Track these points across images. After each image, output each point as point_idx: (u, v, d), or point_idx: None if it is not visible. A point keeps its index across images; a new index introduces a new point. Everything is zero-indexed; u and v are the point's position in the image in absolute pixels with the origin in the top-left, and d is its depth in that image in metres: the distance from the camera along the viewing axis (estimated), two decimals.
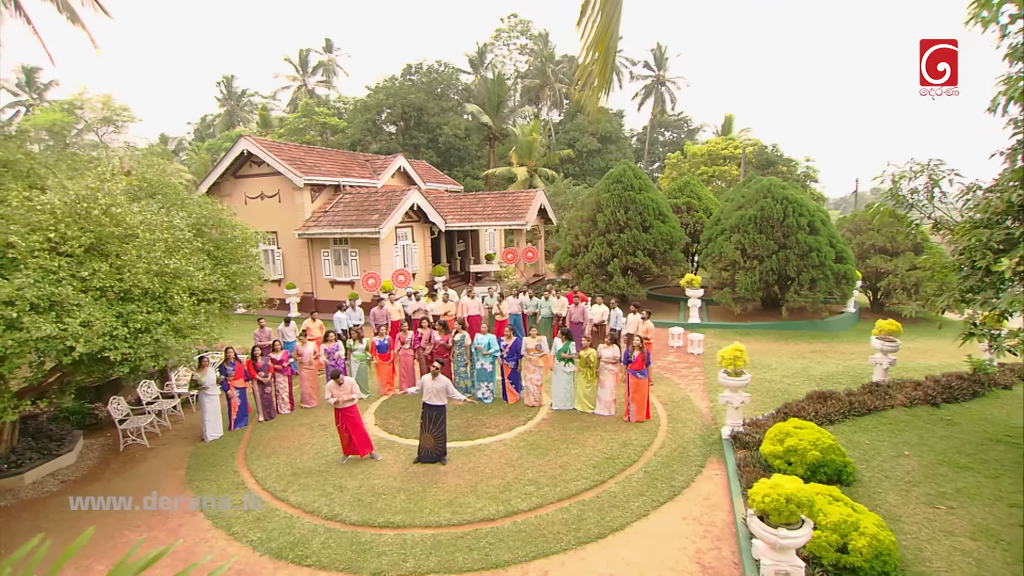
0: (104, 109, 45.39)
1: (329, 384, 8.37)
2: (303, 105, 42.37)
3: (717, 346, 14.32)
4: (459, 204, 24.32)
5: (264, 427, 9.96)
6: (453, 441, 8.82)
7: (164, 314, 7.14)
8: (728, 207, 18.12)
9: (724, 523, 6.52)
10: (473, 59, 47.66)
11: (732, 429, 8.50)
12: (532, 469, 7.85)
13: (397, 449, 8.76)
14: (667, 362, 13.06)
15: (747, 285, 16.17)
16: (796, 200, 16.50)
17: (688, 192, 21.13)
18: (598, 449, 8.40)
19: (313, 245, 20.23)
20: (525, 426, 9.43)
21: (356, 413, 8.34)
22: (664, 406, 10.24)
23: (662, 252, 17.94)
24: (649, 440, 8.72)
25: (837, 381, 11.37)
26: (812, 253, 15.84)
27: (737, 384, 8.32)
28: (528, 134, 36.69)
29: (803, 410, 8.98)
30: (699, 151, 33.22)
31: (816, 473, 6.82)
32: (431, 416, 8.06)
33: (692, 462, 8.01)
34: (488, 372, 10.55)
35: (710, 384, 11.48)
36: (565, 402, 10.07)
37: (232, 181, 21.24)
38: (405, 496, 7.30)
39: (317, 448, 8.94)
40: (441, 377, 8.10)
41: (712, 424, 9.42)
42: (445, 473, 7.87)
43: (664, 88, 52.87)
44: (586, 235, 18.52)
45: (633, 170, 18.86)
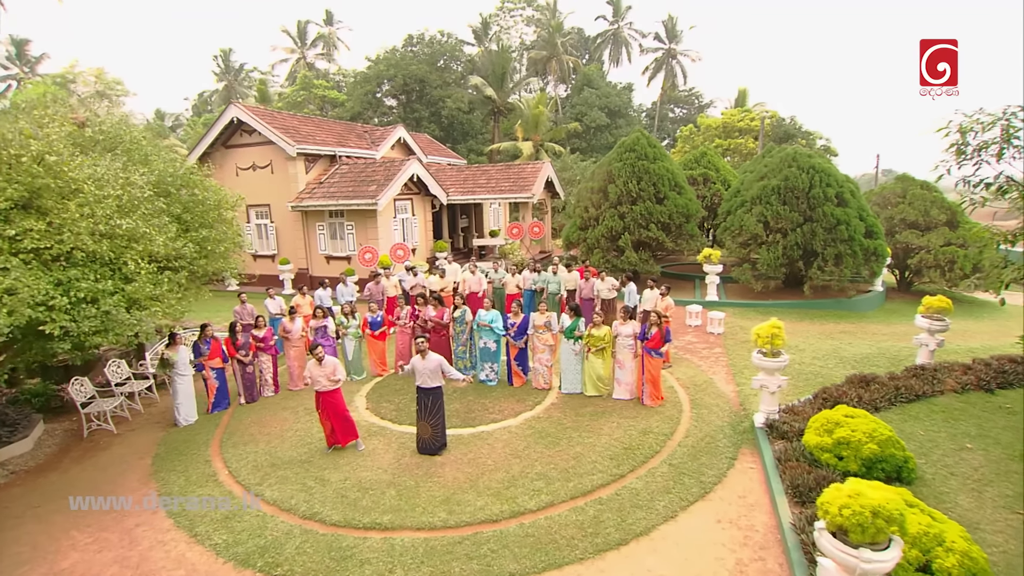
0: (97, 83, 44.19)
1: (309, 363, 7.41)
2: (301, 78, 40.97)
3: (738, 326, 13.30)
4: (462, 177, 23.16)
5: (245, 411, 9.06)
6: (452, 428, 7.89)
7: (116, 282, 6.16)
8: (749, 177, 16.92)
9: (766, 527, 5.57)
10: (477, 30, 45.87)
11: (766, 416, 7.52)
12: (541, 461, 6.92)
13: (388, 437, 7.84)
14: (685, 342, 12.05)
15: (769, 261, 15.05)
16: (823, 169, 15.28)
17: (705, 163, 19.85)
18: (615, 438, 7.44)
19: (308, 218, 19.19)
20: (533, 411, 8.49)
21: (339, 398, 7.39)
22: (685, 389, 9.26)
23: (677, 226, 16.81)
24: (672, 428, 7.76)
25: (873, 363, 10.36)
26: (840, 227, 14.68)
27: (774, 366, 7.31)
28: (534, 107, 35.22)
29: (844, 395, 7.98)
30: (713, 123, 31.73)
31: (872, 470, 5.84)
32: (425, 401, 7.11)
33: (722, 454, 7.05)
34: (492, 352, 9.57)
35: (734, 365, 10.49)
36: (575, 384, 9.11)
37: (222, 151, 20.14)
38: (395, 492, 6.38)
39: (301, 435, 8.04)
40: (432, 355, 7.12)
41: (741, 410, 8.44)
42: (442, 465, 6.95)
43: (675, 62, 50.92)
44: (596, 207, 17.38)
45: (647, 138, 17.63)
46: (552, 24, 44.36)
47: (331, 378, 7.25)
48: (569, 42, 46.57)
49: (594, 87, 43.04)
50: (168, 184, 7.74)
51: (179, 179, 7.85)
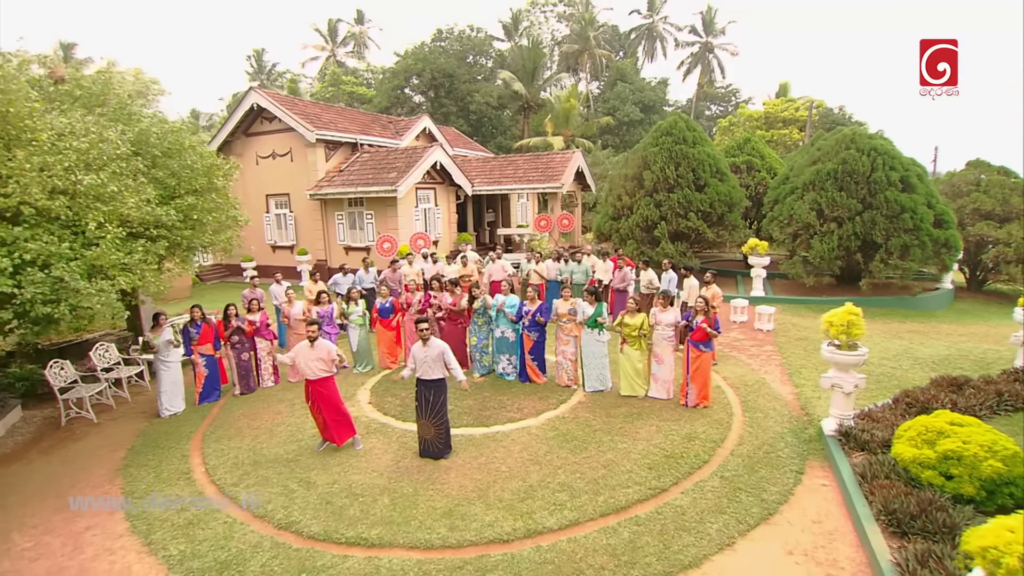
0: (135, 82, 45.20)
1: (298, 345, 6.46)
2: (330, 74, 40.85)
3: (790, 323, 11.89)
4: (488, 167, 22.19)
5: (238, 402, 8.21)
6: (463, 427, 6.85)
7: (75, 246, 5.33)
8: (800, 162, 15.41)
9: (855, 564, 4.31)
10: (507, 26, 44.99)
11: (839, 422, 6.21)
12: (565, 468, 5.79)
13: (390, 435, 6.84)
14: (732, 339, 10.73)
15: (823, 252, 13.54)
16: (886, 151, 13.70)
17: (748, 150, 18.32)
18: (654, 444, 6.25)
19: (327, 207, 18.51)
20: (556, 411, 7.36)
21: (332, 388, 6.41)
22: (735, 390, 7.99)
23: (719, 215, 15.41)
24: (721, 433, 6.52)
25: (955, 366, 8.90)
26: (905, 215, 13.08)
27: (851, 360, 6.02)
28: (565, 100, 34.05)
29: (933, 400, 6.62)
30: (755, 114, 29.92)
31: (995, 494, 4.52)
32: (426, 395, 6.06)
33: (785, 466, 5.79)
34: (510, 342, 8.49)
35: (789, 365, 9.15)
36: (602, 381, 7.95)
37: (243, 140, 19.70)
38: (389, 500, 5.36)
39: (292, 430, 7.11)
40: (435, 341, 6.07)
41: (803, 415, 7.14)
42: (447, 470, 5.89)
43: (712, 56, 49.00)
44: (630, 195, 16.13)
45: (686, 121, 16.29)
46: (584, 17, 43.11)
47: (324, 363, 6.28)
48: (602, 36, 45.25)
49: (627, 81, 41.63)
50: (153, 146, 6.94)
51: (165, 139, 7.05)
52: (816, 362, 9.16)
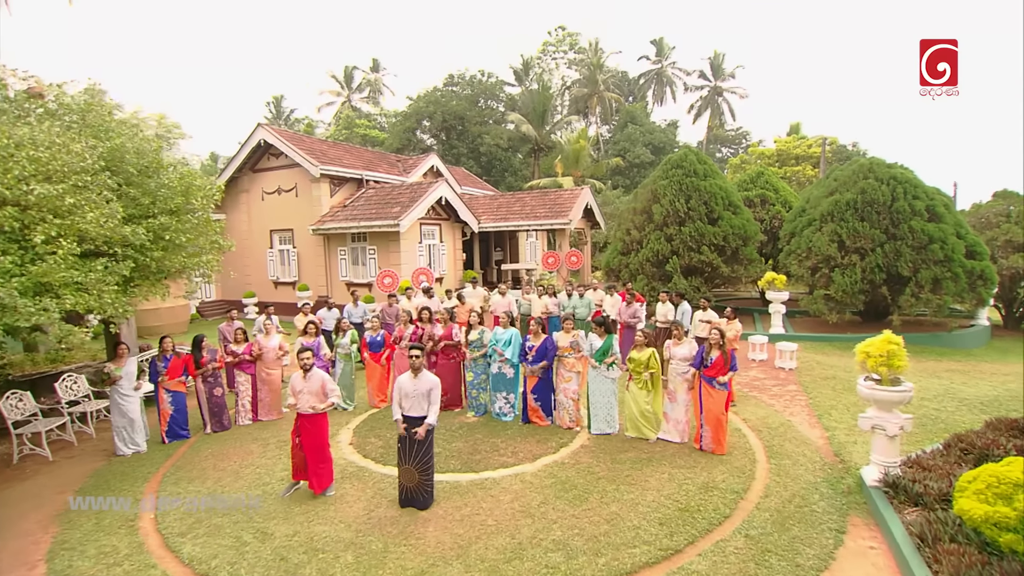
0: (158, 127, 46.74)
1: (293, 377, 5.80)
2: (344, 117, 41.83)
3: (814, 360, 11.00)
4: (495, 204, 21.95)
5: (209, 441, 7.50)
6: (448, 472, 6.06)
7: (17, 259, 4.84)
8: (816, 194, 14.81)
9: None
10: (518, 71, 46.11)
11: (883, 470, 5.33)
12: (561, 523, 4.96)
13: (366, 480, 6.06)
14: (751, 378, 9.86)
15: (845, 286, 12.73)
16: (907, 180, 13.08)
17: (762, 183, 17.80)
18: (666, 494, 5.40)
19: (329, 243, 18.22)
20: (556, 455, 6.54)
21: (323, 427, 5.71)
22: (757, 433, 7.11)
23: (733, 249, 14.76)
24: (744, 483, 5.65)
25: (1007, 407, 7.97)
26: (934, 245, 12.31)
27: (894, 397, 5.19)
28: (575, 142, 34.23)
29: (993, 444, 5.71)
30: (767, 152, 29.62)
31: None
32: (412, 434, 5.33)
33: (822, 523, 4.90)
34: (508, 379, 7.75)
35: (817, 405, 8.26)
36: (608, 423, 7.13)
37: (250, 176, 19.72)
38: (353, 557, 4.56)
39: (260, 472, 6.37)
40: (427, 375, 5.40)
41: (837, 462, 6.24)
42: (425, 522, 5.09)
43: (722, 99, 49.55)
44: (639, 229, 15.59)
45: (696, 154, 15.91)
46: (593, 62, 44.03)
47: (316, 397, 5.62)
48: (611, 80, 46.06)
49: (638, 124, 41.98)
50: (128, 163, 6.56)
51: (143, 158, 6.67)
52: (848, 402, 8.26)
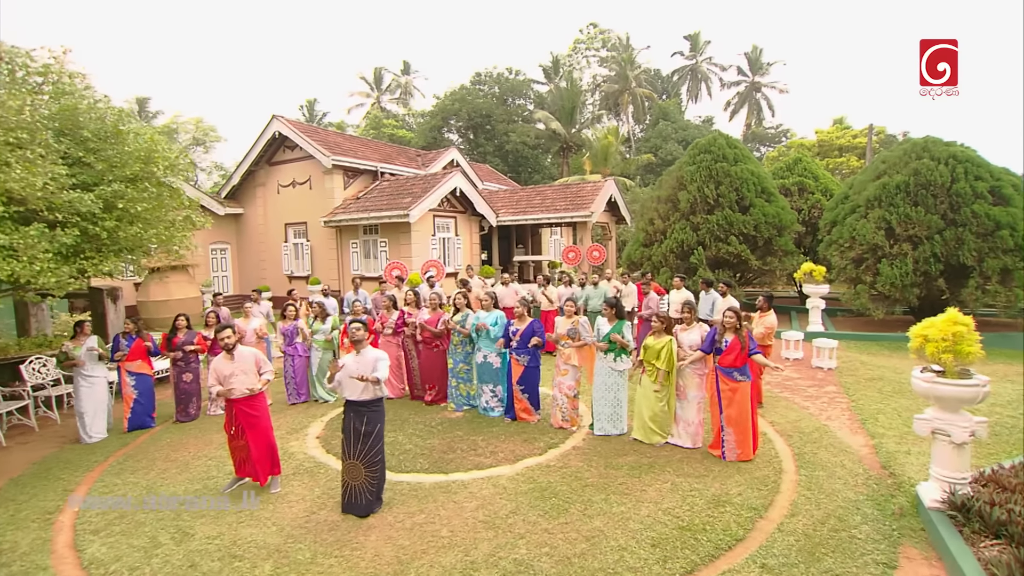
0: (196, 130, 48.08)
1: (215, 360, 5.11)
2: (371, 117, 41.91)
3: (858, 360, 9.70)
4: (515, 198, 21.11)
5: (173, 430, 6.90)
6: (413, 472, 5.23)
7: None
8: (861, 179, 13.37)
9: None
10: (547, 69, 45.29)
11: (947, 488, 4.19)
12: (530, 539, 4.04)
13: (318, 478, 5.28)
14: (783, 377, 8.67)
15: (894, 278, 11.30)
16: (969, 158, 11.57)
17: (800, 170, 16.32)
18: (665, 508, 4.41)
19: (342, 236, 17.75)
20: (542, 457, 5.62)
21: (262, 409, 5.02)
22: (786, 438, 6.01)
23: (766, 239, 13.47)
24: (765, 498, 4.59)
25: None
26: (1003, 231, 10.78)
27: (963, 394, 4.05)
28: (604, 138, 33.12)
29: None
30: (807, 143, 27.76)
31: None
32: (356, 425, 4.52)
33: (865, 553, 3.82)
34: (495, 370, 6.87)
35: (860, 409, 7.05)
36: (615, 423, 6.16)
37: (266, 169, 19.50)
38: (272, 568, 3.76)
39: (210, 466, 5.68)
40: (370, 351, 4.59)
41: (885, 475, 5.10)
42: (369, 529, 4.26)
43: (760, 95, 47.43)
44: (663, 219, 14.47)
45: (726, 139, 14.70)
46: (624, 58, 42.78)
47: (249, 376, 4.91)
48: (643, 77, 44.67)
49: (670, 119, 40.50)
50: (82, 126, 6.02)
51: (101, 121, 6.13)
52: (899, 406, 7.03)
